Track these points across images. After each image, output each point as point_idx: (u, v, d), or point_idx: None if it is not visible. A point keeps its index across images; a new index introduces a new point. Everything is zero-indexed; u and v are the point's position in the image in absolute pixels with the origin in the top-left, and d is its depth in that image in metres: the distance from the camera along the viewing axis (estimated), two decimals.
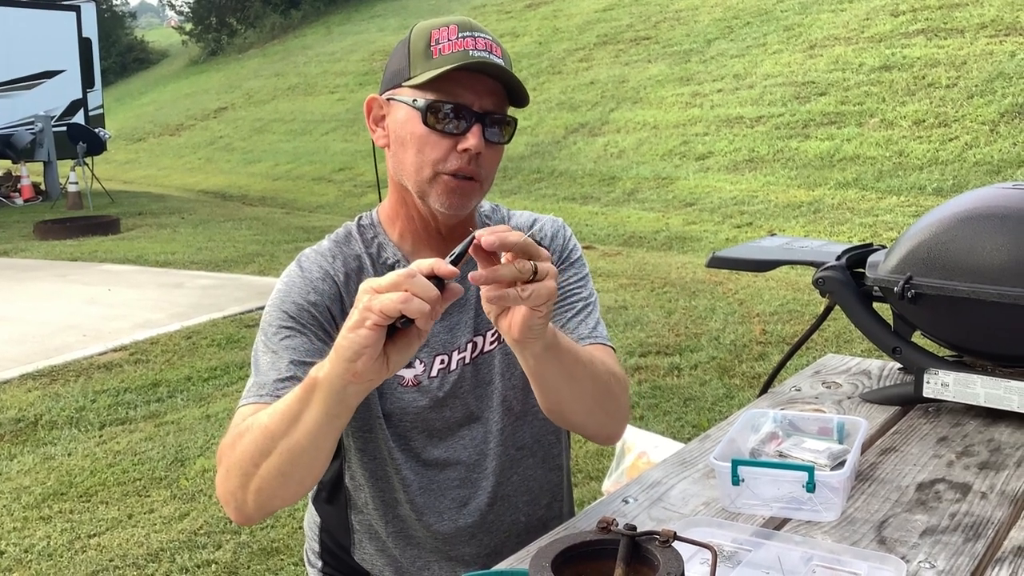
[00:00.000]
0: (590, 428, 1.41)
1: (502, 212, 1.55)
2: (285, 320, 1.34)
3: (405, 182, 1.37)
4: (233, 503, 1.24)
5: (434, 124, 1.31)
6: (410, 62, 1.33)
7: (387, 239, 1.44)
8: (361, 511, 1.48)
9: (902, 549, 1.15)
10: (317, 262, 1.40)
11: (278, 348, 1.32)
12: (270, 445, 1.16)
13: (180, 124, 22.59)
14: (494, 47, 1.33)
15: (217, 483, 1.26)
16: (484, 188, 1.38)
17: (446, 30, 1.32)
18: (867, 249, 1.74)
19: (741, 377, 4.54)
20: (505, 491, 1.48)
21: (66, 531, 3.31)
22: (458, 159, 1.32)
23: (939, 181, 8.62)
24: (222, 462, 1.24)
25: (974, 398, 1.54)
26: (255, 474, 1.18)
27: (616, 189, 10.74)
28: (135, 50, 37.88)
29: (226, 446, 1.24)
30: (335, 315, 1.36)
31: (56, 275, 7.94)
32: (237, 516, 1.26)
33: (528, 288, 1.05)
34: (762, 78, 12.29)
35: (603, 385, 1.34)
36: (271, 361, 1.31)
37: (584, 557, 0.88)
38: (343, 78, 20.63)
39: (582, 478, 3.48)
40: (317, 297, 1.36)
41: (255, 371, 1.33)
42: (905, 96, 10.39)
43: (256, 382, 1.31)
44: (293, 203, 13.19)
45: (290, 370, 1.29)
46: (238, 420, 1.27)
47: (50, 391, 4.77)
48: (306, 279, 1.38)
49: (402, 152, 1.35)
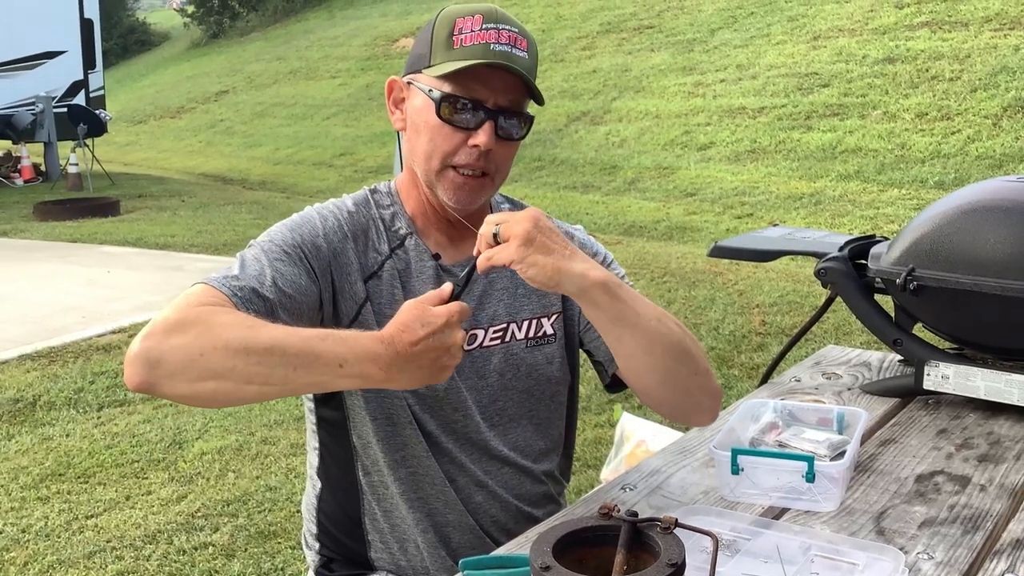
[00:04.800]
0: (676, 397, 1.34)
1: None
2: (288, 244, 1.33)
3: (417, 170, 1.39)
4: (156, 363, 1.13)
5: (447, 117, 1.32)
6: (431, 49, 1.33)
7: (402, 210, 1.45)
8: (369, 472, 1.46)
9: (900, 540, 1.16)
10: (335, 215, 1.40)
11: (270, 261, 1.29)
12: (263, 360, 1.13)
13: (181, 107, 22.51)
14: (519, 40, 1.32)
15: (151, 339, 1.14)
16: (496, 182, 1.39)
17: (471, 20, 1.31)
18: (869, 241, 1.73)
19: (740, 368, 4.54)
20: (479, 495, 1.46)
21: (64, 512, 3.32)
22: (468, 154, 1.33)
23: (941, 174, 8.61)
24: (182, 325, 1.14)
25: (974, 391, 1.54)
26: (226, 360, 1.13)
27: (617, 178, 10.72)
28: (137, 32, 37.70)
29: (196, 313, 1.16)
30: (333, 269, 1.37)
31: (56, 256, 7.93)
32: (143, 378, 1.14)
33: (493, 252, 1.20)
34: (765, 69, 12.26)
35: (676, 340, 1.28)
36: (258, 270, 1.27)
37: (585, 543, 0.88)
38: (345, 63, 20.56)
39: (579, 466, 3.48)
40: (325, 244, 1.36)
41: (239, 265, 1.28)
42: (908, 89, 10.36)
43: (235, 275, 1.25)
44: (293, 188, 13.16)
45: (272, 292, 1.26)
46: (204, 296, 1.20)
47: (49, 372, 4.77)
48: (325, 224, 1.38)
49: (415, 138, 1.37)
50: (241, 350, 1.13)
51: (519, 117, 1.35)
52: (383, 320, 1.36)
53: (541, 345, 1.48)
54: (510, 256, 1.17)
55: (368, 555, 1.49)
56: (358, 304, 1.38)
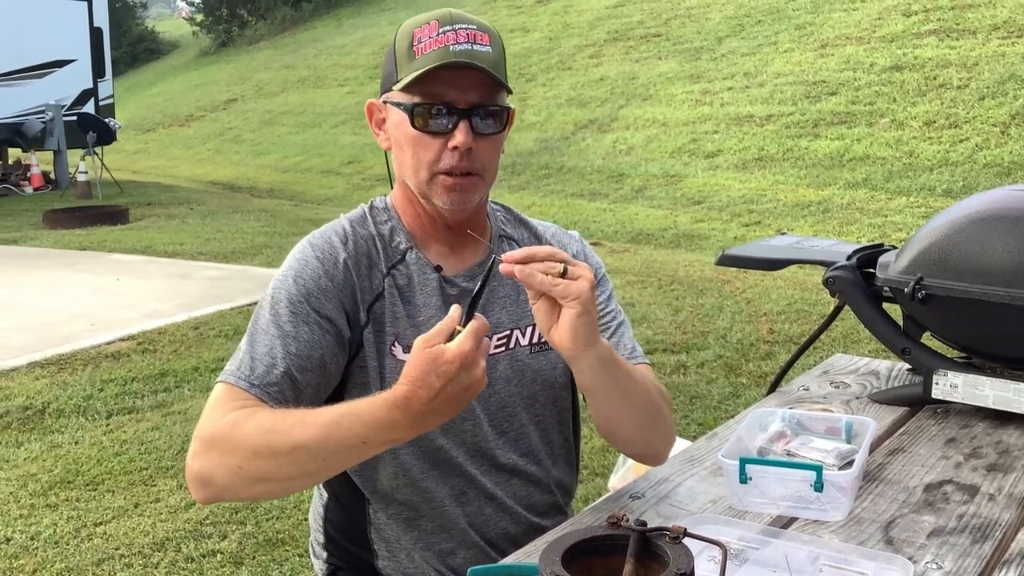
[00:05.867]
0: (639, 446, 1.45)
1: (524, 227, 1.56)
2: (295, 300, 1.34)
3: (409, 183, 1.40)
4: (209, 481, 1.23)
5: (422, 126, 1.33)
6: (396, 65, 1.35)
7: (400, 224, 1.45)
8: (375, 487, 1.46)
9: (909, 550, 1.16)
10: (331, 244, 1.40)
11: (281, 332, 1.32)
12: (293, 460, 1.19)
13: (190, 115, 22.61)
14: (478, 35, 1.32)
15: (197, 458, 1.24)
16: (487, 180, 1.39)
17: (427, 27, 1.32)
18: (877, 249, 1.73)
19: (748, 376, 4.54)
20: (507, 502, 1.47)
21: (72, 519, 3.32)
22: (450, 157, 1.33)
23: (949, 182, 8.59)
24: (214, 443, 1.23)
25: (983, 400, 1.54)
26: (262, 466, 1.20)
27: (624, 186, 10.73)
28: (146, 40, 37.90)
29: (221, 429, 1.23)
30: (343, 299, 1.37)
31: (65, 264, 7.96)
32: (205, 494, 1.25)
33: (560, 282, 1.16)
34: (772, 77, 12.26)
35: (654, 402, 1.40)
36: (268, 345, 1.31)
37: (594, 552, 0.88)
38: (353, 71, 20.62)
39: (587, 474, 3.48)
40: (329, 283, 1.36)
41: (249, 343, 1.32)
42: (916, 97, 10.35)
43: (247, 364, 1.30)
44: (302, 195, 13.19)
45: (287, 365, 1.30)
46: (227, 402, 1.26)
47: (58, 379, 4.79)
48: (324, 262, 1.38)
49: (400, 154, 1.39)
50: (270, 456, 1.20)
51: (495, 111, 1.35)
52: (382, 341, 1.38)
53: (545, 351, 1.48)
54: (581, 290, 1.18)
55: (375, 564, 1.49)
56: (361, 328, 1.39)
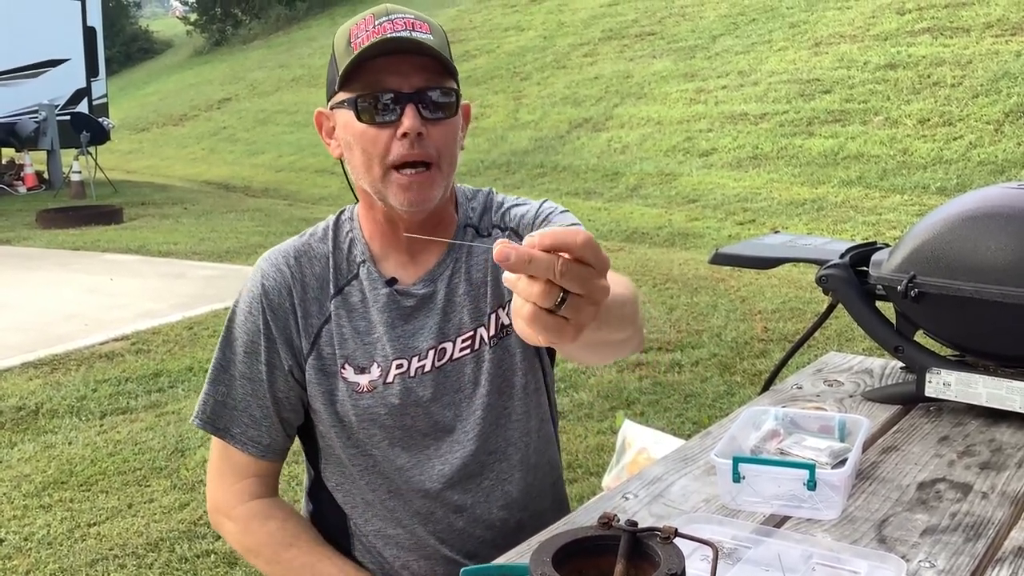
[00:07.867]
0: (623, 351, 1.25)
1: (495, 206, 1.49)
2: (248, 341, 1.44)
3: (364, 185, 1.35)
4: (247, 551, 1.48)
5: (368, 119, 1.28)
6: (337, 66, 1.31)
7: (360, 235, 1.43)
8: (352, 503, 1.48)
9: (902, 548, 1.15)
10: (280, 272, 1.45)
11: (249, 374, 1.42)
12: None
13: (184, 114, 22.56)
14: (416, 24, 1.29)
15: (234, 540, 1.49)
16: (444, 171, 1.32)
17: (363, 23, 1.29)
18: (870, 247, 1.73)
19: (742, 374, 4.54)
20: (477, 511, 1.46)
21: (66, 520, 3.32)
22: (400, 146, 1.27)
23: (943, 180, 8.60)
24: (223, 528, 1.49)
25: (976, 398, 1.53)
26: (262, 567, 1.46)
27: (619, 185, 10.73)
28: (139, 40, 37.79)
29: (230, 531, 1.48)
30: (292, 336, 1.41)
31: (58, 264, 7.94)
32: (245, 557, 1.51)
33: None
34: (767, 75, 12.27)
35: (626, 312, 1.12)
36: (242, 394, 1.43)
37: (585, 553, 0.88)
38: None
39: (581, 473, 3.48)
40: (272, 325, 1.42)
41: (225, 379, 1.44)
42: (910, 95, 10.37)
43: (228, 414, 1.44)
44: (296, 195, 13.18)
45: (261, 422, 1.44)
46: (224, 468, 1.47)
47: (51, 380, 4.77)
48: (268, 305, 1.43)
49: (351, 156, 1.33)
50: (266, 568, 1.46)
51: (443, 94, 1.29)
52: (332, 364, 1.40)
53: (503, 339, 1.44)
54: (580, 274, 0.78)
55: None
56: (304, 356, 1.42)
